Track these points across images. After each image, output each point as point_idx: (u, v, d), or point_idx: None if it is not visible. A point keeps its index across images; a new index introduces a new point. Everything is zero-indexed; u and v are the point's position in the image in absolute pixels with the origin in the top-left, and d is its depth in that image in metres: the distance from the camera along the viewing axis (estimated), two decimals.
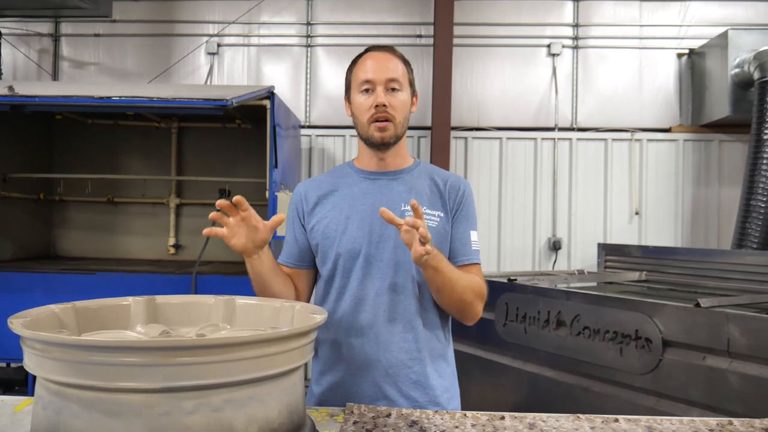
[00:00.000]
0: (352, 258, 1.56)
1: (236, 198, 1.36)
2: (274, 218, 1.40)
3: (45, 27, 5.78)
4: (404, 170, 1.64)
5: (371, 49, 1.62)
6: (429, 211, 1.57)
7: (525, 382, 3.16)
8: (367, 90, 1.56)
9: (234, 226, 1.40)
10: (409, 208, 1.54)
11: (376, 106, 1.54)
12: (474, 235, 1.61)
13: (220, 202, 1.36)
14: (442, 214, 1.59)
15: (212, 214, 1.39)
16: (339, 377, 1.57)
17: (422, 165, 1.69)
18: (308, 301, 1.66)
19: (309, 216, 1.63)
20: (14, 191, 4.81)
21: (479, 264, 1.61)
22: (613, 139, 5.53)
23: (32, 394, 1.06)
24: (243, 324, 1.32)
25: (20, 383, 4.29)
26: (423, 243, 1.32)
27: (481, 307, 1.57)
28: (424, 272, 1.45)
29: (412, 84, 1.62)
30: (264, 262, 1.50)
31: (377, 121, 1.55)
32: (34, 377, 0.98)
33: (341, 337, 1.57)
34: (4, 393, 4.20)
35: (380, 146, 1.59)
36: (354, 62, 1.63)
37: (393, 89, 1.55)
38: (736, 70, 4.85)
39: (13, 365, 4.41)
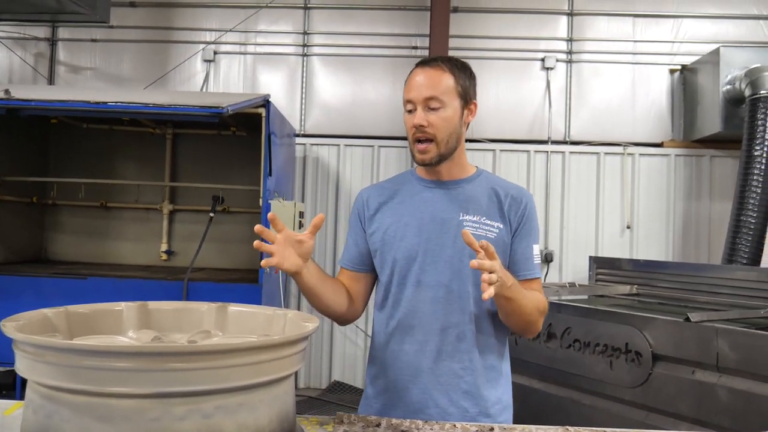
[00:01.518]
0: (408, 265, 1.58)
1: (269, 215, 1.37)
2: (314, 221, 1.40)
3: (42, 31, 5.79)
4: (464, 180, 1.64)
5: (419, 63, 1.61)
6: (488, 222, 1.57)
7: (515, 394, 3.15)
8: (410, 110, 1.56)
9: (282, 250, 1.39)
10: (468, 218, 1.57)
11: (415, 125, 1.54)
12: (536, 249, 1.61)
13: (258, 228, 1.34)
14: (501, 226, 1.58)
15: (257, 245, 1.38)
16: (391, 382, 1.59)
17: (484, 175, 1.68)
18: (365, 304, 1.69)
19: (370, 221, 1.66)
20: (7, 194, 4.79)
21: (540, 278, 1.63)
22: (606, 153, 5.57)
23: (20, 398, 1.06)
24: (235, 331, 1.32)
25: (8, 387, 4.25)
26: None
27: (542, 321, 1.58)
28: (496, 300, 1.46)
29: (463, 94, 1.58)
30: (313, 274, 1.50)
31: (418, 141, 1.56)
32: (23, 381, 0.98)
33: (395, 343, 1.59)
34: None
35: (424, 165, 1.60)
36: (406, 79, 1.63)
37: (433, 108, 1.54)
38: (728, 86, 4.91)
39: (0, 369, 4.37)
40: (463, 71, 1.61)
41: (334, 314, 1.61)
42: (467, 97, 1.60)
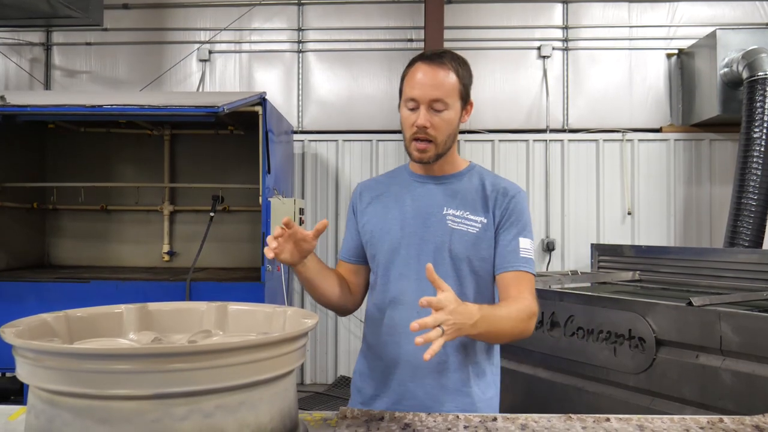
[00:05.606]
0: (391, 258, 1.59)
1: (284, 219, 1.44)
2: (318, 226, 1.46)
3: (36, 36, 5.78)
4: (454, 175, 1.63)
5: (423, 57, 1.55)
6: (471, 217, 1.56)
7: (520, 383, 3.17)
8: (412, 108, 1.53)
9: (283, 243, 1.46)
10: (451, 212, 1.57)
11: (418, 126, 1.52)
12: (524, 243, 1.55)
13: (286, 220, 1.43)
14: (485, 220, 1.56)
15: (269, 239, 1.45)
16: (374, 370, 1.62)
17: (476, 169, 1.66)
18: (364, 295, 1.73)
19: (362, 215, 1.69)
20: (7, 201, 4.79)
21: (528, 272, 1.54)
22: (605, 140, 5.56)
23: (26, 404, 1.06)
24: (235, 330, 1.32)
25: (16, 393, 4.26)
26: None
27: (533, 324, 1.49)
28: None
29: (464, 95, 1.56)
30: (310, 268, 1.55)
31: (417, 140, 1.54)
32: (28, 386, 0.98)
33: (378, 334, 1.61)
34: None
35: (421, 164, 1.59)
36: (406, 69, 1.58)
37: (437, 109, 1.51)
38: (725, 69, 4.89)
39: (8, 375, 4.39)
40: (465, 70, 1.58)
41: (332, 305, 1.66)
42: (467, 98, 1.59)
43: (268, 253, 1.43)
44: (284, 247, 1.46)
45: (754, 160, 4.44)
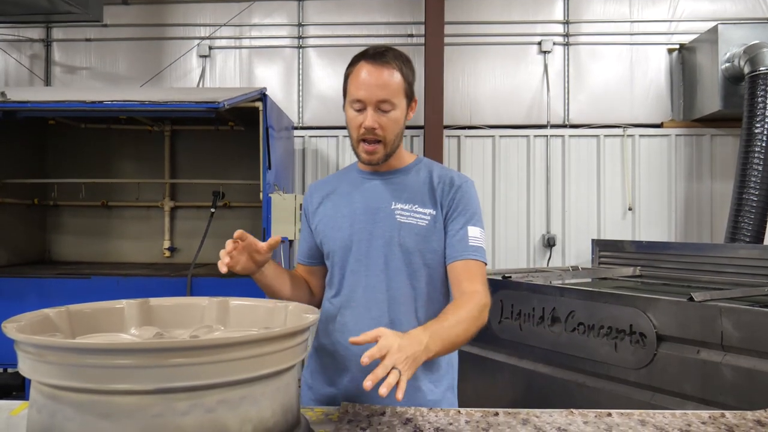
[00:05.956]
0: (344, 256, 1.59)
1: (236, 233, 1.46)
2: (270, 241, 1.49)
3: (36, 32, 5.77)
4: (401, 170, 1.64)
5: (366, 56, 1.54)
6: (420, 210, 1.57)
7: (520, 378, 3.17)
8: (359, 109, 1.52)
9: (237, 255, 1.48)
10: (399, 206, 1.57)
11: (366, 127, 1.51)
12: (473, 231, 1.55)
13: (238, 234, 1.47)
14: (433, 212, 1.57)
15: (222, 254, 1.45)
16: (327, 368, 1.62)
17: (423, 162, 1.67)
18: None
19: (313, 216, 1.69)
20: (8, 197, 4.79)
21: (479, 261, 1.54)
22: (606, 135, 5.55)
23: (28, 399, 1.06)
24: (237, 325, 1.32)
25: (17, 388, 4.27)
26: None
27: (486, 314, 1.48)
28: None
29: (409, 92, 1.56)
30: (267, 275, 1.58)
31: (365, 141, 1.54)
32: (30, 381, 0.98)
33: (331, 331, 1.61)
34: (1, 398, 4.18)
35: (370, 165, 1.59)
36: (350, 68, 1.57)
37: (384, 110, 1.51)
38: (727, 64, 4.88)
39: (10, 370, 4.40)
40: (408, 67, 1.57)
41: None
42: (411, 95, 1.59)
43: (222, 268, 1.43)
44: (238, 260, 1.48)
45: (756, 155, 4.43)
